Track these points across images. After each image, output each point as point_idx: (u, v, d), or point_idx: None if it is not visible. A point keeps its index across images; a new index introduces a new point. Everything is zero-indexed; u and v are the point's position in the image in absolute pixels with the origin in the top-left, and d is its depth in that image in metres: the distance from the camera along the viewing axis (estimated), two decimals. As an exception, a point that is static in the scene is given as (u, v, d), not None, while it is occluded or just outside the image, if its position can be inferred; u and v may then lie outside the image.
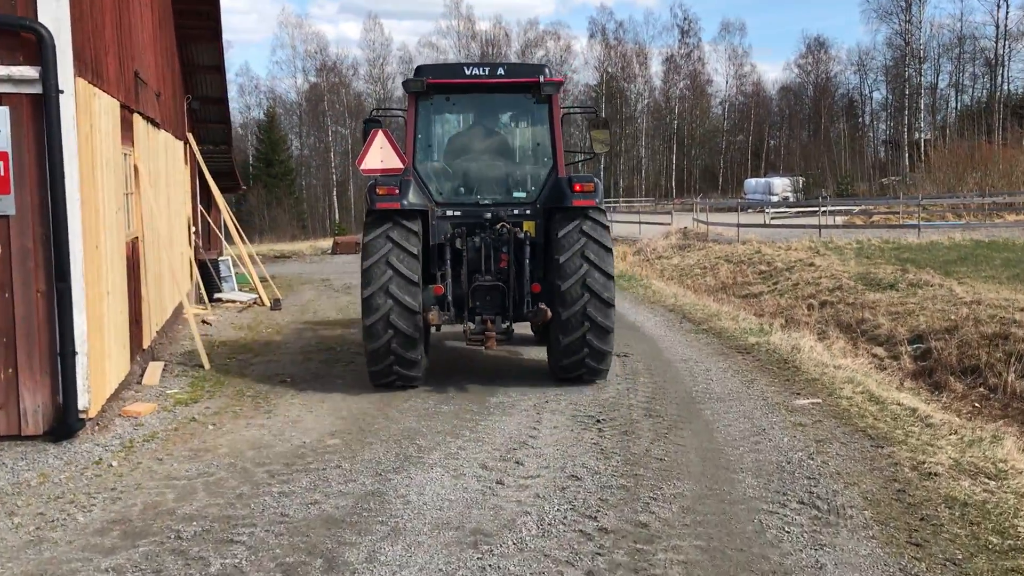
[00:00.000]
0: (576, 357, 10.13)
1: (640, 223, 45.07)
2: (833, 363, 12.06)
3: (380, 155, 10.58)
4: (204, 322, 16.47)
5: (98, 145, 9.09)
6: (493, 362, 12.36)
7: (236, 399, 10.22)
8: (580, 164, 13.20)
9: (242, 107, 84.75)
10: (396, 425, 8.99)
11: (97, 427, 8.81)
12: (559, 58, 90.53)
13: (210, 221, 25.30)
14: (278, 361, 12.62)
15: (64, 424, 8.35)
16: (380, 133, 10.65)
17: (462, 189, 11.01)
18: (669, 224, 41.97)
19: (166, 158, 15.34)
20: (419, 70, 10.74)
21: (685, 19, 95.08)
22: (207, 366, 12.09)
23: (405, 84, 10.65)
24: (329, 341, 14.33)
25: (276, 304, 19.52)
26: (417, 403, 9.90)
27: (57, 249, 8.17)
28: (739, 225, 33.89)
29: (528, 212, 10.61)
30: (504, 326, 10.37)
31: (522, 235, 10.38)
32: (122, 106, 10.88)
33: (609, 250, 10.05)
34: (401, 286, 9.66)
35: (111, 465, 7.79)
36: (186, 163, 19.25)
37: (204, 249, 23.20)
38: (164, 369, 11.82)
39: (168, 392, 10.48)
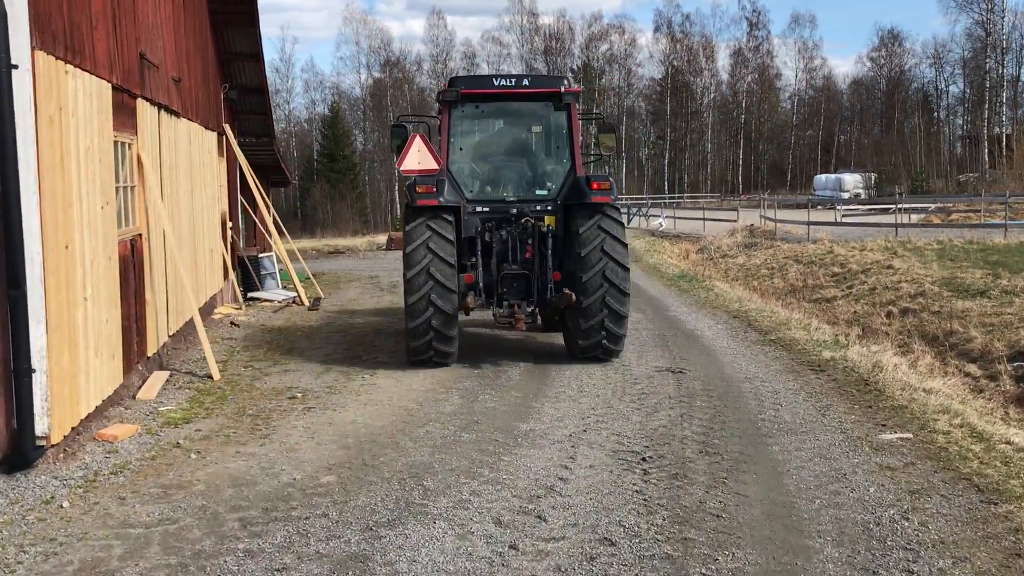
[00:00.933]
0: (594, 339, 11.09)
1: (704, 219, 43.16)
2: (922, 385, 10.35)
3: (418, 157, 11.42)
4: (233, 323, 15.32)
5: (71, 131, 7.85)
6: (528, 376, 10.93)
7: (234, 419, 8.94)
8: (592, 164, 13.96)
9: (307, 103, 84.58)
10: (405, 458, 7.60)
11: (63, 454, 7.58)
12: (623, 52, 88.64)
13: (258, 217, 24.28)
14: (296, 371, 11.35)
15: (19, 453, 7.14)
16: (417, 137, 11.51)
17: (490, 187, 11.97)
18: (735, 221, 40.02)
19: (191, 149, 14.19)
20: (452, 81, 11.84)
21: (754, 11, 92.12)
22: (216, 376, 10.87)
23: (440, 95, 11.72)
24: (357, 347, 13.03)
25: (315, 303, 18.34)
26: (436, 428, 8.52)
27: (8, 251, 6.94)
28: (809, 223, 31.85)
29: (549, 208, 11.45)
30: (529, 310, 11.38)
31: (544, 228, 11.25)
32: (117, 89, 9.68)
33: (624, 244, 11.05)
34: (440, 268, 10.53)
35: (62, 506, 6.54)
36: (221, 155, 18.15)
37: (247, 246, 22.15)
38: (168, 380, 10.62)
39: (160, 409, 9.25)
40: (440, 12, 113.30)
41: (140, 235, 10.59)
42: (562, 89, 11.60)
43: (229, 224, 18.63)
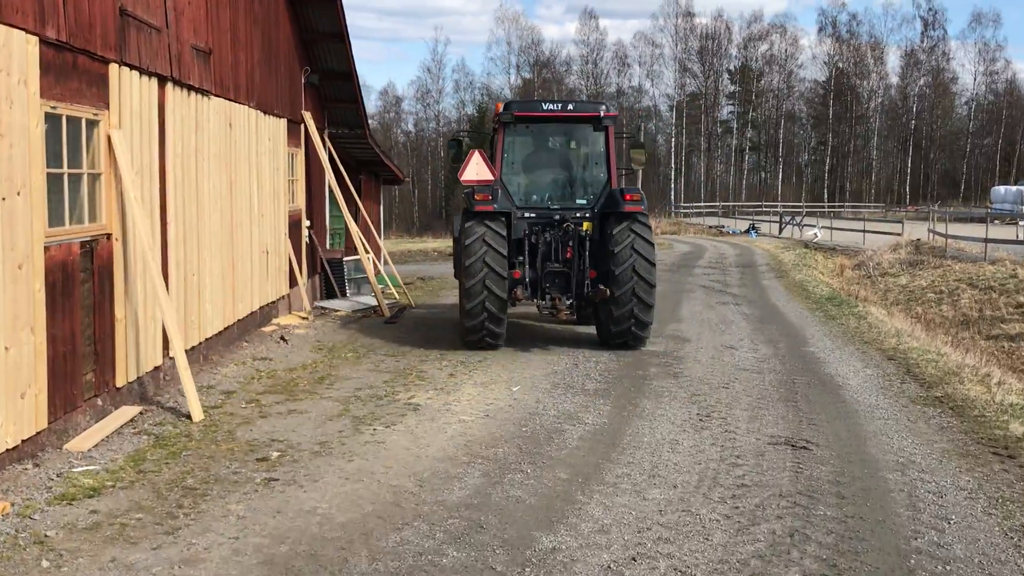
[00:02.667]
0: (624, 326, 12.18)
1: (865, 231, 38.66)
2: None
3: (476, 169, 12.53)
4: (283, 339, 13.01)
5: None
6: (593, 438, 8.02)
7: (158, 493, 6.43)
8: (623, 176, 14.67)
9: (456, 103, 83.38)
10: (342, 594, 4.88)
11: None
12: (784, 53, 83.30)
13: (360, 216, 22.15)
14: (303, 413, 8.83)
15: None
16: (477, 152, 12.61)
17: (537, 196, 13.15)
18: (899, 234, 35.46)
19: (232, 135, 11.95)
20: (507, 105, 13.13)
21: (930, 10, 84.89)
22: (196, 417, 8.46)
23: (497, 117, 13.04)
24: (401, 378, 10.42)
25: (395, 315, 15.90)
26: (416, 535, 5.72)
27: None
28: (986, 240, 27.26)
29: (588, 215, 12.64)
30: (568, 302, 12.57)
31: (583, 233, 12.44)
32: (64, 47, 7.39)
33: (652, 244, 12.18)
34: (494, 258, 11.77)
35: None
36: (298, 146, 15.97)
37: (333, 247, 20.01)
38: (133, 420, 8.28)
39: (75, 471, 6.83)
40: (593, 13, 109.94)
41: (107, 235, 8.28)
42: (601, 113, 12.88)
43: (307, 223, 16.43)
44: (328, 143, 17.97)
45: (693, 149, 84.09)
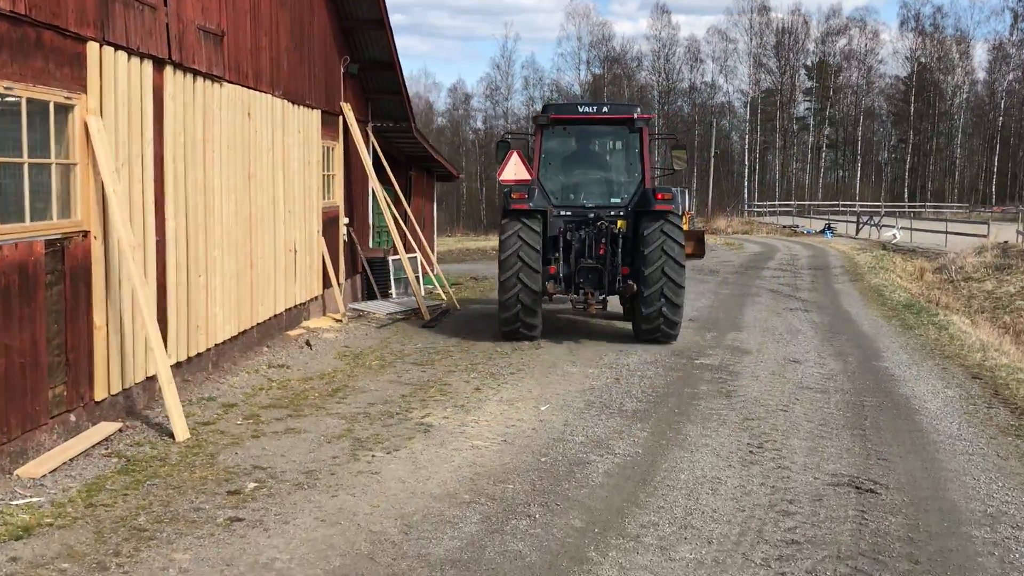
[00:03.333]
0: (654, 324, 12.39)
1: (947, 232, 36.50)
2: None
3: (514, 169, 13.04)
4: (308, 344, 12.12)
5: None
6: (621, 474, 6.87)
7: (101, 536, 5.46)
8: (659, 177, 14.59)
9: (525, 99, 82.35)
10: None
11: None
12: (863, 48, 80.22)
13: (405, 214, 21.26)
14: (301, 433, 7.85)
15: None
16: (515, 153, 13.08)
17: (572, 195, 13.31)
18: (984, 236, 33.30)
19: (250, 125, 11.07)
20: (545, 108, 13.54)
21: (1020, 2, 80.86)
22: (180, 436, 7.54)
23: (534, 119, 13.52)
24: (422, 392, 9.40)
25: (435, 318, 14.92)
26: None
27: None
28: (1082, 243, 25.19)
29: (621, 214, 12.81)
30: (600, 297, 12.64)
31: (616, 230, 12.64)
32: (33, 23, 6.52)
33: (682, 245, 12.27)
34: (528, 253, 12.06)
35: None
36: (335, 139, 15.08)
37: (379, 246, 19.11)
38: (110, 439, 7.40)
39: (9, 506, 5.90)
40: (665, 8, 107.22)
41: (83, 233, 7.41)
42: (635, 115, 13.11)
43: (345, 220, 15.54)
44: (372, 137, 17.08)
45: (768, 146, 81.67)
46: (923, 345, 13.46)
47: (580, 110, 13.38)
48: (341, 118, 15.18)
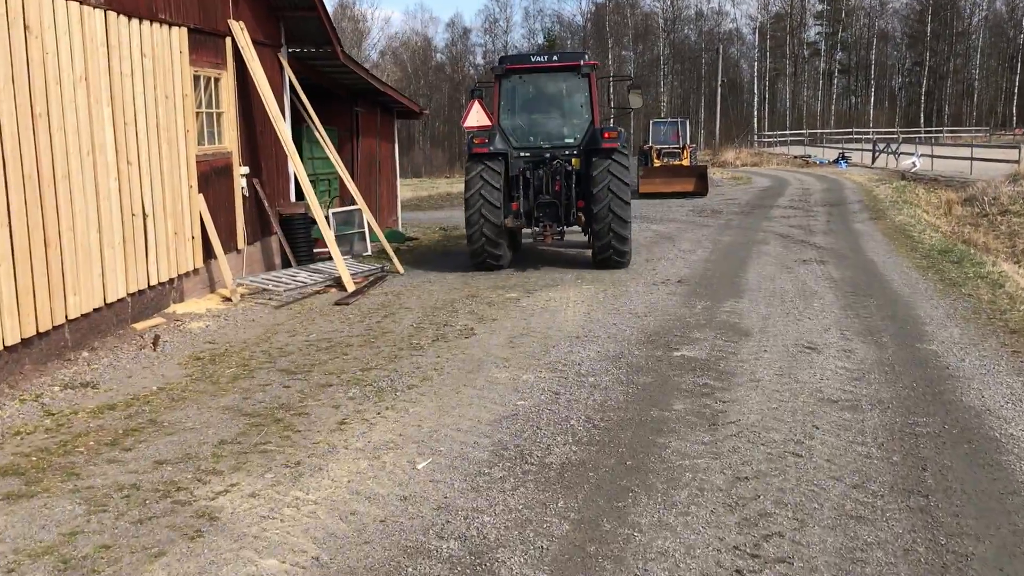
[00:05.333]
0: (606, 254, 13.31)
1: (972, 159, 32.60)
2: None
3: (476, 117, 14.06)
4: (154, 343, 8.78)
5: None
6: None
7: None
8: (614, 116, 17.20)
9: (527, 33, 77.73)
10: None
11: None
12: (879, -34, 74.79)
13: (358, 157, 17.74)
14: (90, 480, 4.62)
15: None
16: (476, 102, 14.22)
17: (531, 138, 14.09)
18: (1016, 161, 29.42)
19: (21, 42, 7.62)
20: (501, 60, 14.58)
21: (1042, -87, 74.89)
22: None
23: (492, 70, 14.69)
24: (258, 426, 6.13)
25: (357, 291, 11.63)
26: None
27: None
28: None
29: (575, 153, 13.70)
30: (558, 229, 13.47)
31: (570, 168, 13.61)
32: None
33: (626, 183, 13.03)
34: (489, 192, 12.99)
35: None
36: (223, 68, 11.58)
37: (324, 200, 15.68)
38: None
39: None
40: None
41: None
42: (581, 63, 13.93)
43: (243, 171, 12.11)
44: (287, 66, 13.54)
45: (778, 74, 76.99)
46: (976, 311, 10.02)
47: (533, 60, 14.21)
48: (229, 40, 11.66)
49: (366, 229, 15.93)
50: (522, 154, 13.60)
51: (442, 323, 9.82)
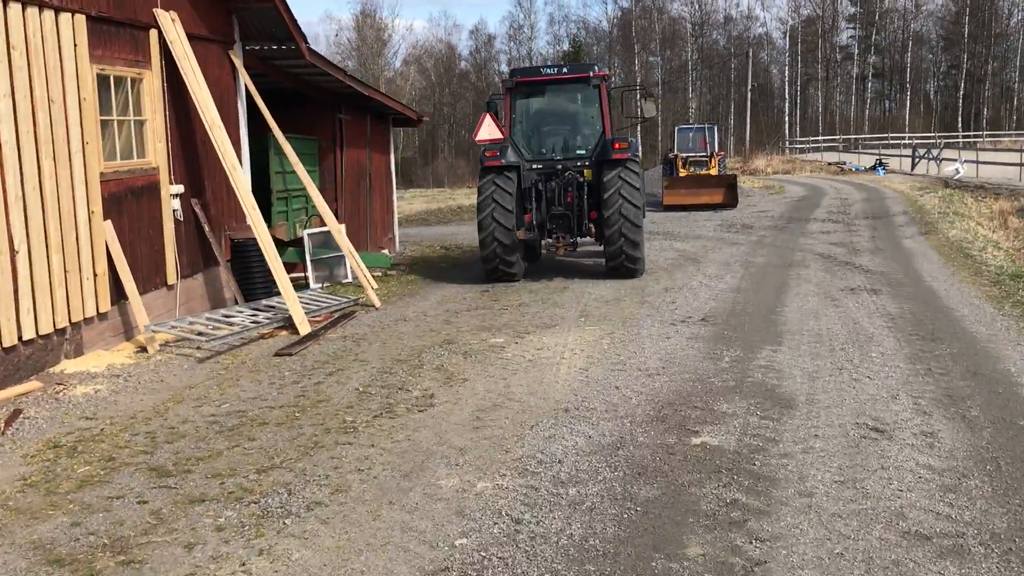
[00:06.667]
0: (618, 261, 12.94)
1: (1021, 164, 29.83)
2: None
3: (488, 130, 13.34)
4: (5, 424, 6.60)
5: None
6: None
7: None
8: (629, 126, 16.37)
9: (551, 39, 75.48)
10: None
11: None
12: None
13: (339, 173, 15.56)
14: None
15: None
16: (488, 115, 13.41)
17: (543, 150, 13.85)
18: (1071, 168, 26.67)
19: None
20: (512, 72, 14.17)
21: (1083, -90, 71.27)
22: None
23: (503, 83, 14.09)
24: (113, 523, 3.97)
25: (307, 337, 9.42)
26: None
27: None
28: None
29: (586, 164, 13.36)
30: (571, 240, 13.34)
31: (582, 179, 13.29)
32: None
33: (638, 188, 12.72)
34: (501, 212, 12.64)
35: None
36: (147, 67, 9.43)
37: (299, 221, 13.52)
38: None
39: None
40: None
41: None
42: (591, 74, 13.47)
43: (176, 190, 9.93)
44: (239, 65, 11.37)
45: (809, 79, 73.91)
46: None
47: (543, 72, 13.81)
48: (155, 33, 9.50)
49: (344, 253, 13.76)
50: (534, 166, 13.33)
51: (397, 386, 7.57)
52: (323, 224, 14.26)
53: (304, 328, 9.71)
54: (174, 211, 9.81)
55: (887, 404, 6.81)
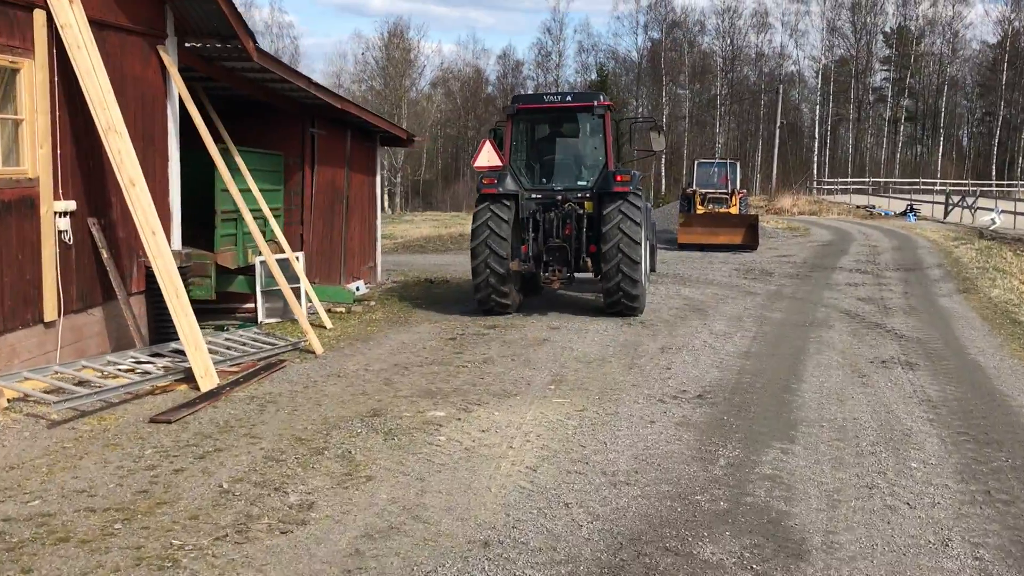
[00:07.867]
0: (615, 297, 12.24)
1: (1065, 219, 27.54)
2: None
3: (487, 157, 12.85)
4: None
5: None
6: None
7: None
8: (636, 159, 15.23)
9: (579, 67, 73.88)
10: None
11: None
12: (949, 13, 69.38)
13: (307, 193, 13.72)
14: None
15: None
16: (488, 142, 12.96)
17: (542, 179, 13.30)
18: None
19: None
20: (514, 99, 13.71)
21: None
22: None
23: (504, 109, 13.93)
24: None
25: (197, 400, 7.48)
26: None
27: None
28: None
29: (587, 195, 12.69)
30: (567, 275, 12.49)
31: (581, 211, 12.64)
32: None
33: (638, 223, 12.07)
34: (495, 241, 12.11)
35: None
36: (29, 55, 7.63)
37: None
38: None
39: None
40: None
41: None
42: (596, 103, 12.86)
43: (63, 208, 8.06)
44: (170, 66, 9.54)
45: (840, 119, 71.66)
46: None
47: (546, 100, 13.29)
48: (42, 15, 7.68)
49: (302, 284, 11.87)
50: (533, 196, 12.77)
51: (276, 483, 5.62)
52: (281, 250, 12.40)
53: (207, 382, 7.80)
54: (60, 232, 7.95)
55: (935, 554, 4.80)
